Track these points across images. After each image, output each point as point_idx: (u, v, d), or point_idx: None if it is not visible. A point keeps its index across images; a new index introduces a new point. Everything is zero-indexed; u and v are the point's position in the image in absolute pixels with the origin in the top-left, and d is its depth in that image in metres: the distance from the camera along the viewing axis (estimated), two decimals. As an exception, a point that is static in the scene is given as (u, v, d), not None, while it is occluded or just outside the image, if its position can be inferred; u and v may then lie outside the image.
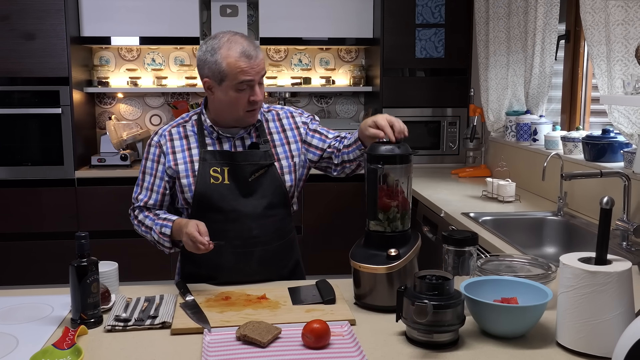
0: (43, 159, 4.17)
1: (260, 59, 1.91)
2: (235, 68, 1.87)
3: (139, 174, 2.06)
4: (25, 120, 4.13)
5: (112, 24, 4.30)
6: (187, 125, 2.04)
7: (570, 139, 3.02)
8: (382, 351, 1.46)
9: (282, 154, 2.05)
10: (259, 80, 1.93)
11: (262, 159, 2.00)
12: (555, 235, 2.84)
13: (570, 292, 1.43)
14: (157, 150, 2.02)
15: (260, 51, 1.93)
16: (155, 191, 2.02)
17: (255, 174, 1.99)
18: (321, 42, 4.52)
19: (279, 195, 2.03)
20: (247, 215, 1.98)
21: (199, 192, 1.97)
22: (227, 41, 1.88)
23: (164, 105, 4.79)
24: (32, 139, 4.16)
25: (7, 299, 1.80)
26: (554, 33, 3.24)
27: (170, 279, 4.18)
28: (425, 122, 4.44)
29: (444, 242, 1.70)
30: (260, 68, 1.91)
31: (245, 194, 1.99)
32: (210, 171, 1.97)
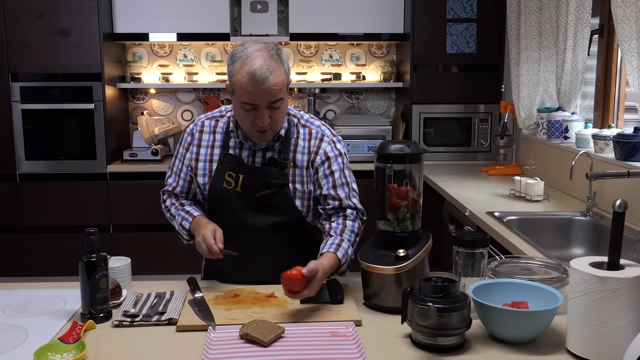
0: (77, 154, 4.26)
1: (272, 83, 1.76)
2: (241, 87, 1.78)
3: (173, 158, 2.09)
4: (60, 116, 4.23)
5: (146, 20, 4.36)
6: (220, 122, 2.00)
7: (601, 137, 2.93)
8: (384, 354, 1.44)
9: (298, 176, 1.94)
10: (268, 105, 1.80)
11: (274, 177, 1.92)
12: (583, 237, 2.75)
13: (580, 297, 1.39)
14: (189, 138, 2.02)
15: (280, 74, 1.79)
16: (182, 178, 2.04)
17: (265, 192, 1.92)
18: (356, 37, 4.48)
19: (289, 216, 1.96)
20: (250, 227, 1.95)
21: (212, 193, 1.97)
22: (246, 55, 1.78)
23: (195, 100, 4.83)
24: (66, 133, 4.26)
25: (23, 291, 1.84)
26: (587, 27, 3.15)
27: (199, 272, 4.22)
28: (457, 119, 4.38)
29: (455, 243, 1.66)
30: (269, 94, 1.77)
31: (253, 207, 1.94)
32: (225, 175, 1.94)
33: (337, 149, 1.97)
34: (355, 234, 1.91)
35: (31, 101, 4.19)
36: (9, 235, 4.31)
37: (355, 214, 1.94)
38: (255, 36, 4.45)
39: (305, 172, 1.94)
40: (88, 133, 4.23)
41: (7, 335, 1.54)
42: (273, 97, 1.80)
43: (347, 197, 1.94)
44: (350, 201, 1.94)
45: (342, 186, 1.94)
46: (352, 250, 1.88)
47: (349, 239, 1.88)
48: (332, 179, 1.94)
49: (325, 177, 1.94)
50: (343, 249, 1.83)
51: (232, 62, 1.81)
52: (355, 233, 1.91)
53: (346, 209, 1.94)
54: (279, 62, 1.81)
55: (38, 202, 4.28)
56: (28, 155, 4.24)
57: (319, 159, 1.94)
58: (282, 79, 1.81)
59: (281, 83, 1.80)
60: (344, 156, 1.98)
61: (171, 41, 4.53)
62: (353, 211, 1.94)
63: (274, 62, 1.79)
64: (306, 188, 1.95)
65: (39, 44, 4.12)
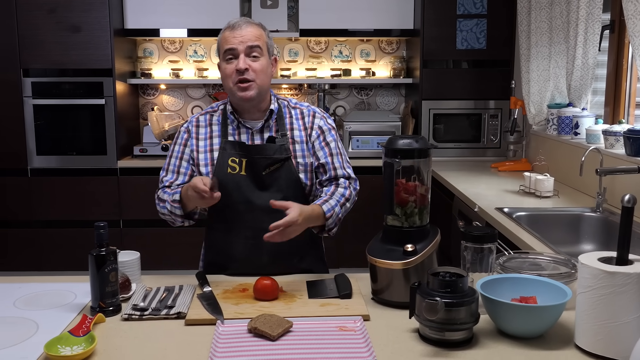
0: (87, 149, 4.28)
1: (248, 30, 1.94)
2: (222, 39, 1.97)
3: (167, 159, 2.12)
4: (71, 111, 4.25)
5: (157, 16, 4.37)
6: (215, 115, 2.09)
7: (611, 133, 2.92)
8: (392, 348, 1.44)
9: (299, 151, 2.05)
10: (245, 51, 1.94)
11: (277, 152, 2.01)
12: (592, 233, 2.74)
13: (588, 292, 1.38)
14: (186, 135, 2.09)
15: (257, 28, 1.97)
16: (182, 173, 2.08)
17: (270, 168, 2.00)
18: (366, 33, 4.48)
19: (295, 190, 2.03)
20: (260, 207, 1.99)
21: None
22: (230, 21, 1.99)
23: (205, 96, 4.84)
24: (77, 129, 4.28)
25: (33, 285, 1.85)
26: (598, 23, 3.12)
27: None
28: (467, 115, 4.36)
29: (463, 239, 1.66)
30: (244, 38, 1.93)
31: (260, 187, 2.01)
32: (228, 161, 2.00)
33: (329, 124, 2.12)
34: (345, 198, 2.01)
35: (42, 96, 4.21)
36: (21, 230, 4.35)
37: (347, 183, 2.06)
38: (265, 32, 4.45)
39: (305, 146, 2.06)
40: (99, 128, 4.25)
41: (18, 328, 1.55)
42: (249, 41, 1.95)
43: (341, 167, 2.07)
44: (344, 170, 2.08)
45: (337, 155, 2.08)
46: (340, 209, 1.98)
47: (338, 200, 1.99)
48: (328, 149, 2.07)
49: (322, 149, 2.07)
50: (329, 205, 1.95)
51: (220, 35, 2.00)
52: (345, 197, 2.02)
53: (339, 178, 2.06)
54: (258, 24, 2.01)
55: (49, 197, 4.31)
56: (39, 150, 4.27)
57: (314, 133, 2.07)
58: (259, 33, 1.98)
59: (258, 35, 1.98)
60: (336, 129, 2.13)
61: (182, 37, 4.54)
62: (346, 181, 2.06)
63: (253, 22, 2.00)
64: (308, 161, 2.06)
65: (50, 40, 4.15)
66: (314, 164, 2.06)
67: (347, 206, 2.02)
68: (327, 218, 1.93)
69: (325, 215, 1.92)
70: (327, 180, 2.06)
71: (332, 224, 1.96)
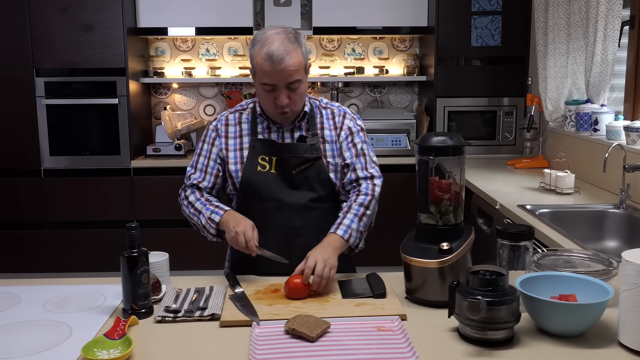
0: (100, 149, 4.26)
1: (289, 64, 1.85)
2: (260, 68, 1.88)
3: (194, 156, 2.09)
4: (84, 111, 4.23)
5: (167, 14, 4.35)
6: (244, 113, 2.07)
7: (634, 129, 2.89)
8: (434, 348, 1.42)
9: (329, 151, 2.03)
10: (286, 85, 1.89)
11: (308, 152, 1.99)
12: (616, 229, 2.72)
13: (633, 290, 1.36)
14: (214, 133, 2.07)
15: (297, 55, 1.87)
16: (209, 173, 2.05)
17: (300, 167, 1.99)
18: (375, 31, 4.46)
19: (326, 189, 2.02)
20: (290, 206, 1.98)
21: (245, 178, 2.00)
22: (265, 38, 1.88)
23: (218, 95, 4.82)
24: (90, 128, 4.26)
25: (61, 287, 1.83)
26: (618, 19, 3.10)
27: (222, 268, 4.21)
28: (481, 112, 4.34)
29: (499, 236, 1.64)
30: (286, 74, 1.86)
31: (290, 186, 2.00)
32: (258, 159, 1.99)
33: (359, 125, 2.10)
34: (364, 207, 1.97)
35: (55, 96, 4.19)
36: (34, 231, 4.33)
37: (370, 186, 2.01)
38: (278, 30, 4.43)
39: (335, 145, 2.04)
40: (112, 128, 4.23)
41: (51, 331, 1.53)
42: (290, 77, 1.88)
43: (362, 168, 2.03)
44: (366, 171, 2.03)
45: (361, 157, 2.05)
46: (358, 224, 1.94)
47: (355, 213, 1.95)
48: (355, 150, 2.05)
49: (349, 149, 2.05)
50: (344, 226, 1.91)
51: (253, 46, 1.92)
52: (364, 206, 1.97)
53: (361, 182, 2.02)
54: (296, 44, 1.90)
55: (62, 197, 4.29)
56: (52, 151, 4.25)
57: (343, 134, 2.06)
58: (298, 60, 1.89)
59: (298, 64, 1.89)
60: (364, 131, 2.11)
61: (190, 35, 4.52)
62: (368, 184, 2.01)
63: (291, 44, 1.89)
64: (338, 161, 2.04)
65: (62, 39, 4.13)
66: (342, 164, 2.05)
67: (369, 213, 1.98)
68: (347, 239, 1.90)
69: (344, 238, 1.89)
70: (349, 182, 2.04)
71: (355, 242, 1.93)
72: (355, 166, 2.03)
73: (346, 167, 2.04)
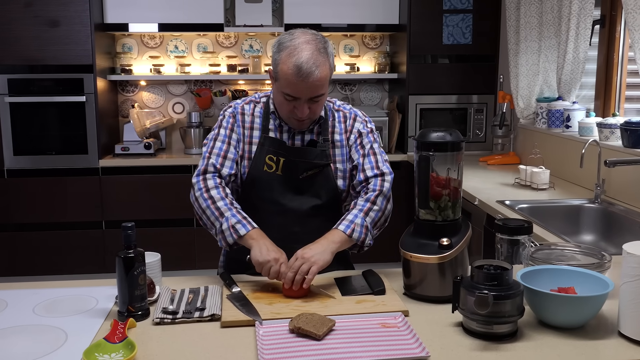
0: (67, 148, 4.14)
1: (317, 78, 1.77)
2: (285, 78, 1.80)
3: (210, 142, 1.95)
4: (49, 109, 4.11)
5: (135, 10, 4.26)
6: (257, 106, 2.00)
7: (606, 126, 2.96)
8: (440, 343, 1.42)
9: (339, 156, 1.98)
10: (310, 98, 1.82)
11: (318, 158, 1.94)
12: (593, 223, 2.78)
13: (635, 281, 1.39)
14: (232, 119, 1.97)
15: (325, 69, 1.79)
16: (229, 159, 1.92)
17: (308, 172, 1.94)
18: (340, 28, 4.44)
19: (330, 197, 1.98)
20: (292, 210, 1.95)
21: (251, 176, 1.95)
22: (294, 46, 1.79)
23: (187, 92, 4.75)
24: (56, 127, 4.14)
25: (49, 290, 1.77)
26: (589, 18, 3.17)
27: (193, 269, 4.16)
28: (452, 109, 4.39)
29: (498, 231, 1.66)
30: (312, 89, 1.79)
31: (295, 190, 1.95)
32: (266, 158, 1.94)
33: (369, 127, 2.03)
34: (370, 202, 1.89)
35: (19, 94, 4.06)
36: (-3, 233, 4.19)
37: (379, 182, 1.93)
38: (250, 27, 4.39)
39: (344, 150, 1.99)
40: (79, 127, 4.12)
41: (45, 336, 1.47)
42: (315, 92, 1.82)
43: (372, 168, 1.95)
44: (375, 170, 1.95)
45: (369, 156, 1.98)
46: (363, 219, 1.85)
47: (360, 209, 1.87)
48: (363, 151, 1.98)
49: (357, 151, 1.99)
50: (347, 220, 1.84)
51: (279, 51, 1.82)
52: (370, 201, 1.89)
53: (370, 180, 1.93)
54: (325, 56, 1.82)
55: (26, 198, 4.16)
56: (16, 150, 4.11)
57: (352, 137, 2.00)
58: (326, 74, 1.82)
59: (325, 78, 1.82)
60: (374, 132, 2.04)
61: (152, 32, 4.42)
62: (376, 180, 1.93)
63: (321, 56, 1.80)
64: (347, 167, 1.99)
65: (27, 35, 4.00)
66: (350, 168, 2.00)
67: (376, 208, 1.89)
68: (350, 235, 1.82)
69: (346, 233, 1.81)
70: (359, 183, 1.95)
71: (359, 237, 1.84)
72: (364, 166, 1.95)
73: (354, 169, 1.98)
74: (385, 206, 1.93)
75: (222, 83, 4.74)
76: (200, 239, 4.22)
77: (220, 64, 4.60)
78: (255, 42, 4.70)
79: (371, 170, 1.95)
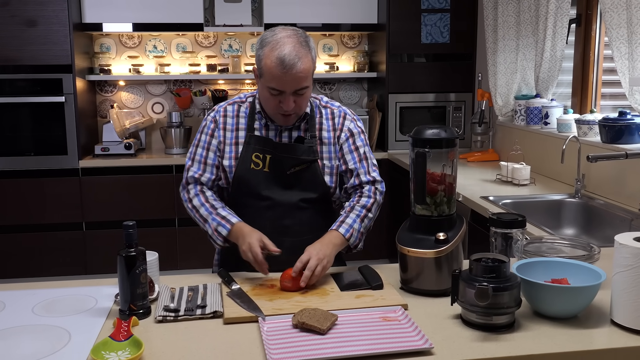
0: (46, 149, 4.10)
1: (300, 70, 1.82)
2: (269, 72, 1.84)
3: (192, 148, 2.04)
4: (27, 109, 4.06)
5: (109, 9, 4.22)
6: (242, 106, 2.03)
7: (585, 122, 3.03)
8: (441, 335, 1.46)
9: (326, 153, 2.01)
10: (294, 91, 1.86)
11: (305, 154, 1.97)
12: (574, 217, 2.86)
13: (628, 271, 1.44)
14: (212, 124, 2.02)
15: (307, 61, 1.84)
16: (209, 165, 2.00)
17: (295, 168, 1.97)
18: (315, 28, 4.45)
19: (318, 191, 2.01)
20: (281, 204, 1.98)
21: (238, 175, 1.98)
22: (275, 41, 1.83)
23: (167, 92, 4.72)
24: (34, 128, 4.09)
25: (47, 291, 1.76)
26: (566, 17, 3.25)
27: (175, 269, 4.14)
28: (430, 107, 4.44)
29: (492, 225, 1.70)
30: (296, 81, 1.83)
31: (283, 185, 1.98)
32: (252, 156, 1.97)
33: (359, 127, 2.07)
34: (366, 209, 1.97)
35: (-4, 95, 4.00)
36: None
37: (372, 190, 2.01)
38: (230, 27, 4.39)
39: (332, 148, 2.02)
40: (58, 127, 4.07)
41: (49, 336, 1.47)
42: (299, 84, 1.86)
43: (366, 173, 2.02)
44: (369, 175, 2.02)
45: (364, 160, 2.03)
46: (360, 224, 1.94)
47: (358, 214, 1.95)
48: (357, 153, 2.02)
49: (351, 152, 2.02)
50: (347, 224, 1.91)
51: (262, 47, 1.86)
52: (366, 208, 1.97)
53: (364, 185, 2.01)
54: (307, 49, 1.87)
55: (5, 200, 4.10)
56: (-6, 152, 4.05)
57: (343, 136, 2.03)
58: (309, 66, 1.86)
59: (308, 70, 1.86)
60: (365, 133, 2.08)
61: (126, 31, 4.39)
62: (370, 187, 2.01)
63: (303, 48, 1.85)
64: (334, 163, 2.02)
65: (4, 35, 3.94)
66: (340, 167, 2.02)
67: (370, 216, 1.98)
68: (348, 239, 1.90)
69: (345, 237, 1.89)
70: (352, 187, 2.02)
71: (355, 242, 1.93)
72: (359, 171, 2.01)
73: (349, 172, 2.01)
74: (376, 215, 2.02)
75: (201, 83, 4.73)
76: (182, 239, 4.21)
77: (200, 63, 4.59)
78: (234, 41, 4.70)
79: (365, 175, 2.02)
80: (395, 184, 4.23)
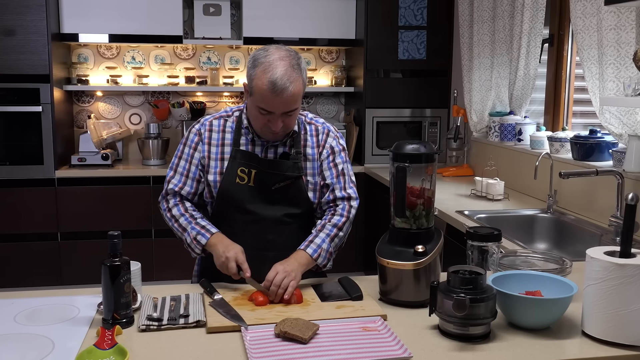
0: (22, 159, 4.07)
1: (290, 93, 1.83)
2: (260, 93, 1.85)
3: (174, 159, 2.05)
4: (4, 119, 4.03)
5: (87, 20, 4.22)
6: (229, 121, 2.04)
7: (557, 139, 3.12)
8: (419, 344, 1.50)
9: (310, 169, 2.03)
10: (283, 112, 1.88)
11: (290, 170, 1.99)
12: (546, 232, 2.93)
13: (599, 284, 1.49)
14: (197, 138, 2.03)
15: (298, 85, 1.85)
16: (190, 177, 2.02)
17: (280, 184, 1.99)
18: (292, 42, 4.45)
19: (303, 207, 2.03)
20: (265, 219, 1.99)
21: (223, 189, 1.99)
22: (268, 62, 1.84)
23: (145, 104, 4.72)
24: (10, 137, 4.06)
25: (28, 300, 1.77)
26: (539, 37, 3.34)
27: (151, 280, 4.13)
28: (406, 122, 4.51)
29: (469, 238, 1.75)
30: (286, 104, 1.85)
31: (267, 201, 2.00)
32: (238, 171, 1.98)
33: (341, 144, 2.10)
34: (337, 228, 1.99)
35: (-29, 104, 3.97)
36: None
37: (346, 207, 2.02)
38: (209, 39, 4.42)
39: (316, 164, 2.04)
40: (35, 137, 4.05)
41: (32, 345, 1.48)
42: (289, 107, 1.88)
43: (341, 189, 2.04)
44: (344, 192, 2.04)
45: (341, 176, 2.05)
46: (329, 245, 1.96)
47: (328, 234, 1.97)
48: (335, 170, 2.05)
49: (330, 169, 2.05)
50: (315, 245, 1.93)
51: (254, 67, 1.87)
52: (338, 227, 1.99)
53: (338, 203, 2.03)
54: (299, 72, 1.88)
55: (-21, 210, 4.06)
56: (-32, 161, 4.01)
57: (325, 152, 2.05)
58: (299, 89, 1.88)
59: (298, 93, 1.89)
60: (346, 151, 2.11)
61: (103, 42, 4.40)
62: (345, 205, 2.03)
63: (295, 72, 1.86)
64: (318, 180, 2.04)
65: (-20, 44, 3.92)
66: (319, 183, 2.05)
67: (341, 235, 2.00)
68: (316, 259, 1.91)
69: (312, 257, 1.91)
70: (326, 202, 2.04)
71: (322, 262, 1.94)
72: (334, 187, 2.03)
73: (325, 187, 2.04)
74: (348, 232, 2.04)
75: (180, 95, 4.74)
76: (158, 250, 4.20)
77: (179, 75, 4.61)
78: (213, 54, 4.73)
79: (340, 191, 2.04)
80: (371, 197, 4.28)
